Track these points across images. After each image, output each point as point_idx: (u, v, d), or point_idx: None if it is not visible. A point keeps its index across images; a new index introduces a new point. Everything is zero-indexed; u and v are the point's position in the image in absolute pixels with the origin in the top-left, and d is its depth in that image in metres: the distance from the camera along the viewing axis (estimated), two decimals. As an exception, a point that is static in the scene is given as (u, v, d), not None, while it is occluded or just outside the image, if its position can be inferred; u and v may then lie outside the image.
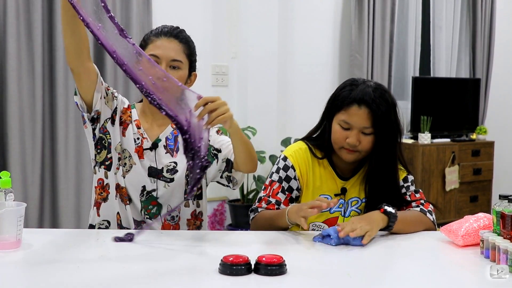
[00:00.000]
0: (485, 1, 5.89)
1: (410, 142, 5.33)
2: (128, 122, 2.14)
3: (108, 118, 2.10)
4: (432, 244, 1.89)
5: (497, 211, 1.66)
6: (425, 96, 5.54)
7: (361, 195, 2.15)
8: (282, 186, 2.12)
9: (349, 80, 2.12)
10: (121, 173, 2.10)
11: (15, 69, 3.94)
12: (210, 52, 4.80)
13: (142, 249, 1.76)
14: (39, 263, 1.62)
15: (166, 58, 2.06)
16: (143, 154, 2.12)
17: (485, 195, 5.67)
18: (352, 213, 2.13)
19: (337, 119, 2.06)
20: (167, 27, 2.13)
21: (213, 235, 2.12)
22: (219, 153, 2.13)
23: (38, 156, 4.07)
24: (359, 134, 2.03)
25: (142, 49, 1.99)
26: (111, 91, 2.13)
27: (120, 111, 2.14)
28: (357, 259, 1.71)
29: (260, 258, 1.51)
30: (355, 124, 2.02)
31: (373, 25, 5.29)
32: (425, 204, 2.12)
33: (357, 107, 2.01)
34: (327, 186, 2.15)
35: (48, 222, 4.13)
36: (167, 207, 2.13)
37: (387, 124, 2.02)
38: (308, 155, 2.16)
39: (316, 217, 2.08)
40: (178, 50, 2.09)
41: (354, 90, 2.03)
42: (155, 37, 2.09)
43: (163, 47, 2.07)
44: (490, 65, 5.98)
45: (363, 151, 2.06)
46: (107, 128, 2.10)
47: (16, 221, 1.70)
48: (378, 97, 2.01)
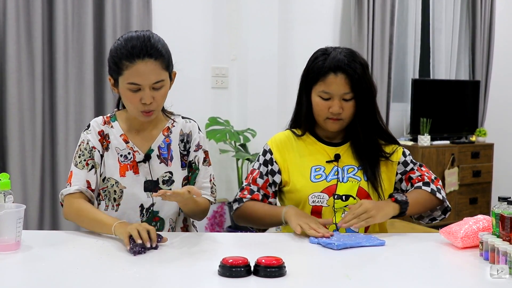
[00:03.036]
0: (485, 4, 5.89)
1: (410, 144, 5.34)
2: (106, 145, 2.06)
3: (99, 163, 2.06)
4: (432, 246, 1.89)
5: (496, 213, 1.66)
6: (425, 98, 5.54)
7: (356, 162, 2.15)
8: (260, 172, 2.15)
9: (318, 50, 2.13)
10: (111, 207, 2.07)
11: (15, 70, 3.94)
12: (210, 54, 4.80)
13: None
14: (39, 265, 1.62)
15: (148, 83, 1.91)
16: (137, 168, 2.06)
17: (484, 197, 5.67)
18: (350, 179, 2.12)
19: (315, 91, 2.09)
20: (136, 46, 1.91)
21: (212, 237, 2.12)
22: (191, 174, 2.13)
23: (38, 158, 4.07)
24: (341, 102, 2.06)
25: (114, 74, 1.95)
26: (92, 161, 2.05)
27: (99, 149, 2.06)
28: (356, 261, 1.71)
29: (259, 260, 1.51)
30: (335, 92, 2.05)
31: (372, 28, 5.29)
32: (435, 181, 2.16)
33: (333, 75, 2.04)
34: (316, 159, 2.15)
35: (47, 224, 4.13)
36: (169, 220, 2.09)
37: (365, 85, 2.06)
38: (288, 136, 2.19)
39: (313, 187, 2.09)
40: (157, 69, 1.92)
41: (327, 59, 2.05)
42: (128, 62, 1.90)
43: (141, 73, 1.90)
44: (490, 67, 5.98)
45: (346, 117, 2.09)
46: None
47: (15, 223, 1.70)
48: (351, 61, 2.05)
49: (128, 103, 1.98)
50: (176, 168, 2.09)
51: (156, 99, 1.95)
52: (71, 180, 2.03)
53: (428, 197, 2.11)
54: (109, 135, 2.07)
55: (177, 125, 2.13)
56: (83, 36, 4.13)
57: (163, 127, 2.11)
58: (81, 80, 4.15)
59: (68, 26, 4.08)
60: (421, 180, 2.16)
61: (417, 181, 2.16)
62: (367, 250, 1.80)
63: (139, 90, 1.92)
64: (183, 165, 2.11)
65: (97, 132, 2.06)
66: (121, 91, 1.97)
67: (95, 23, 4.21)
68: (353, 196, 2.09)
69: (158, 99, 1.96)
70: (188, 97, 4.47)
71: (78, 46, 4.14)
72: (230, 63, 4.90)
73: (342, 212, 2.08)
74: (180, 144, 2.11)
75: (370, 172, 2.11)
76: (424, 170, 2.20)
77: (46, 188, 4.14)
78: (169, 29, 4.35)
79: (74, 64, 4.14)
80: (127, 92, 1.94)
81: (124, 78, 1.92)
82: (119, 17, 4.26)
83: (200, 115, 4.34)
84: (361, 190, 2.10)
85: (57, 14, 4.02)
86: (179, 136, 2.12)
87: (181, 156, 2.11)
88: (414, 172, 2.19)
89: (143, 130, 2.09)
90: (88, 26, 4.13)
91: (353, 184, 2.10)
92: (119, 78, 1.94)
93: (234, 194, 4.80)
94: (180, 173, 2.10)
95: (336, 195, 2.08)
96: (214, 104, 4.83)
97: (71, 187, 2.02)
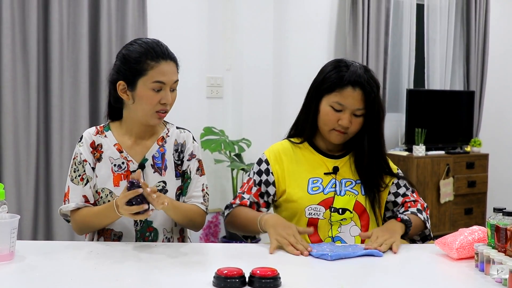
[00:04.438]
0: (479, 14, 5.92)
1: (405, 154, 5.33)
2: (98, 155, 2.06)
3: (92, 176, 2.07)
4: (427, 257, 1.88)
5: (491, 224, 1.66)
6: (420, 108, 5.54)
7: (355, 176, 2.15)
8: (254, 180, 2.15)
9: (334, 61, 2.13)
10: None
11: (9, 80, 3.93)
12: (204, 64, 4.80)
13: (136, 262, 1.75)
14: (33, 276, 1.61)
15: (171, 82, 1.99)
16: None
17: (479, 208, 5.66)
18: (348, 193, 2.11)
19: (328, 100, 2.07)
20: (157, 48, 1.99)
21: (207, 247, 2.11)
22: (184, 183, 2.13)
23: (33, 168, 4.05)
24: (351, 116, 2.06)
25: (131, 77, 1.97)
26: (86, 176, 2.06)
27: (90, 161, 2.06)
28: (351, 272, 1.70)
29: (254, 271, 1.51)
30: (349, 106, 2.04)
31: (367, 38, 5.30)
32: (426, 210, 2.17)
33: (351, 89, 2.03)
34: (314, 170, 2.14)
35: (42, 234, 4.11)
36: (163, 231, 2.09)
37: (376, 105, 2.07)
38: (286, 147, 2.18)
39: (310, 200, 2.08)
40: (175, 71, 2.02)
41: (346, 71, 2.05)
42: (154, 62, 1.96)
43: (166, 72, 1.97)
44: (484, 78, 5.99)
45: (351, 132, 2.09)
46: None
47: (9, 233, 1.69)
48: (370, 78, 2.06)
49: (145, 105, 1.98)
50: (170, 178, 2.09)
51: (172, 100, 2.02)
52: (69, 196, 2.05)
53: (420, 225, 2.13)
54: (102, 145, 2.07)
55: (171, 135, 2.13)
56: (78, 46, 4.13)
57: (158, 136, 2.11)
58: (76, 89, 4.15)
59: (63, 36, 4.08)
60: (414, 206, 2.16)
61: (410, 206, 2.16)
62: (362, 261, 1.80)
63: (160, 90, 1.97)
64: (177, 175, 2.11)
65: (88, 144, 2.07)
66: (141, 93, 1.97)
67: (90, 32, 4.21)
68: (349, 209, 2.09)
69: (172, 100, 2.02)
70: (183, 107, 4.45)
71: (73, 56, 4.14)
72: (225, 73, 4.90)
73: (338, 225, 2.07)
74: (175, 154, 2.11)
75: (369, 187, 2.11)
76: (416, 197, 2.21)
77: (41, 198, 4.12)
78: (164, 39, 4.24)
79: (69, 73, 4.13)
80: (148, 92, 1.96)
81: (148, 77, 1.96)
82: (114, 27, 4.27)
83: (195, 125, 4.34)
84: (358, 204, 2.10)
85: (52, 23, 4.02)
86: (173, 146, 2.12)
87: (175, 166, 2.11)
88: (408, 197, 2.19)
89: (139, 139, 2.09)
90: (83, 36, 4.13)
91: (350, 198, 2.10)
92: (140, 80, 1.96)
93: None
94: (174, 182, 2.10)
95: (332, 208, 2.07)
96: (209, 114, 4.83)
97: (69, 203, 2.04)
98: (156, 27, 4.47)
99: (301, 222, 2.08)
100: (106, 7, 4.21)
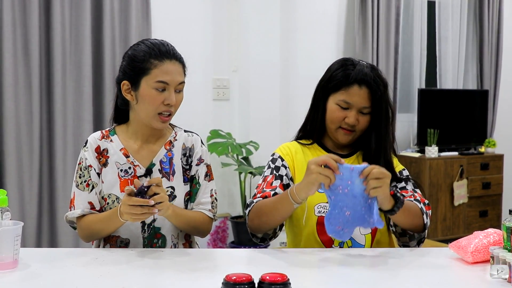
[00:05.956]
0: (492, 11, 5.87)
1: (417, 156, 5.29)
2: (104, 160, 2.03)
3: (97, 182, 2.03)
4: (441, 261, 1.85)
5: (507, 226, 1.62)
6: (432, 108, 5.50)
7: None
8: (275, 174, 2.09)
9: (340, 60, 2.14)
10: None
11: (11, 84, 3.93)
12: (210, 66, 4.77)
13: (142, 268, 1.73)
14: (37, 284, 1.59)
15: (175, 83, 1.95)
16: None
17: (494, 210, 5.61)
18: None
19: (335, 98, 2.07)
20: (162, 48, 1.97)
21: (215, 253, 2.10)
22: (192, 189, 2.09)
23: (36, 174, 4.03)
24: (358, 114, 2.06)
25: (135, 76, 1.95)
26: (92, 182, 2.02)
27: (96, 167, 2.03)
28: (363, 277, 1.67)
29: (263, 276, 1.46)
30: (355, 104, 2.04)
31: (377, 37, 5.27)
32: (426, 206, 2.07)
33: (357, 87, 2.04)
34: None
35: (46, 241, 4.10)
36: (171, 237, 2.05)
37: (384, 103, 2.07)
38: (296, 146, 2.17)
39: (320, 198, 2.02)
40: (181, 72, 1.99)
41: (352, 70, 2.05)
42: (158, 61, 1.94)
43: (170, 72, 1.94)
44: (498, 76, 5.95)
45: (359, 131, 2.09)
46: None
47: (13, 241, 1.68)
48: (376, 77, 2.06)
49: (148, 105, 1.95)
50: (178, 183, 2.05)
51: (177, 102, 1.98)
52: (75, 203, 2.03)
53: (417, 213, 2.02)
54: (107, 149, 2.04)
55: (179, 139, 2.10)
56: (81, 49, 4.12)
57: (165, 140, 2.08)
58: (79, 93, 4.13)
59: (66, 38, 4.06)
60: (414, 198, 2.08)
61: (409, 197, 2.08)
62: (375, 264, 1.79)
63: (164, 91, 1.94)
64: (185, 180, 2.07)
65: (94, 150, 2.04)
66: (143, 93, 1.94)
67: (93, 35, 4.19)
68: None
69: (178, 102, 1.99)
70: (189, 110, 4.40)
71: (76, 59, 4.12)
72: (231, 74, 4.86)
73: None
74: (183, 158, 2.08)
75: None
76: (418, 193, 2.13)
77: (44, 205, 4.10)
78: (169, 40, 4.26)
79: (72, 77, 4.12)
80: (151, 92, 1.93)
81: (152, 76, 1.93)
82: (118, 29, 4.25)
83: (201, 127, 4.28)
84: None
85: (54, 25, 4.01)
86: (181, 150, 2.09)
87: (183, 171, 2.07)
88: (406, 191, 2.11)
89: (146, 143, 2.05)
90: (86, 38, 4.11)
91: None
92: (143, 79, 1.94)
93: (237, 209, 4.76)
94: (182, 188, 2.06)
95: None
96: (216, 117, 4.79)
97: (75, 210, 2.02)
98: (160, 28, 4.45)
99: (310, 219, 2.05)
100: (109, 8, 4.19)
